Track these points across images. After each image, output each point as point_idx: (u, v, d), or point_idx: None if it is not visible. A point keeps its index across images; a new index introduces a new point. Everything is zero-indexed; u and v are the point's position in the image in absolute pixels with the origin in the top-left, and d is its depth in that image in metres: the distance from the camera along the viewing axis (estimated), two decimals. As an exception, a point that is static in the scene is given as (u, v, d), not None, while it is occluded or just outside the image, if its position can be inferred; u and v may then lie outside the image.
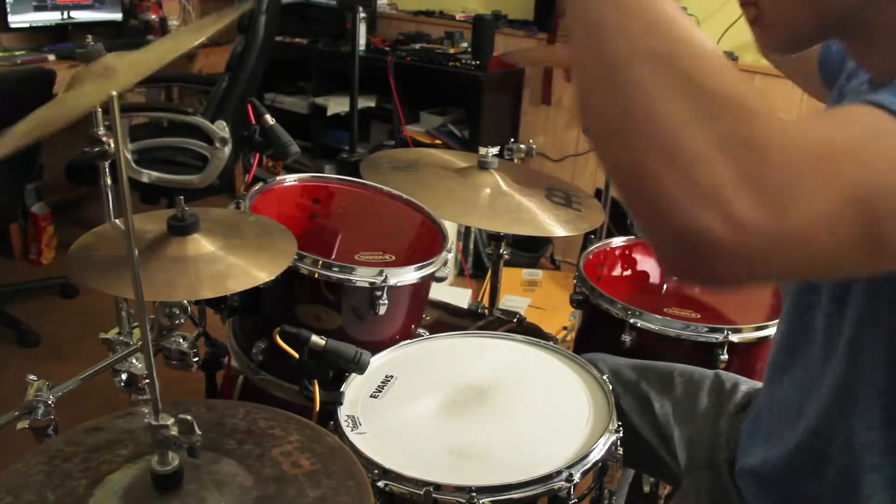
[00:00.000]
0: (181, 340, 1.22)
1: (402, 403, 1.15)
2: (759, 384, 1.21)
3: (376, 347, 1.26)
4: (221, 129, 1.35)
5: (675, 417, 1.19)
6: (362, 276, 1.29)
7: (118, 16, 3.54)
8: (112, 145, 1.19)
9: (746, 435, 1.03)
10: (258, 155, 1.41)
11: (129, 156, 1.37)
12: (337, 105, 3.66)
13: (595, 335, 1.56)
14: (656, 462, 1.21)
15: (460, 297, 2.58)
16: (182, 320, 1.19)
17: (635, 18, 0.50)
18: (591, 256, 1.67)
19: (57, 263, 3.13)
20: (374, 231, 1.63)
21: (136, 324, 1.35)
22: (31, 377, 1.05)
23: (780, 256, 0.48)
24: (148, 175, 1.36)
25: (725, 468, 1.04)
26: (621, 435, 1.08)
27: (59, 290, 2.88)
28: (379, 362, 1.24)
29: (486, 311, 1.82)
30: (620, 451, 1.07)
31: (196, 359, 1.23)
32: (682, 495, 1.12)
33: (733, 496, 1.00)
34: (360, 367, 1.16)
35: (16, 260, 3.15)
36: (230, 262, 1.10)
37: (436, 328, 1.45)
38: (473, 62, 3.24)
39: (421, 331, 1.45)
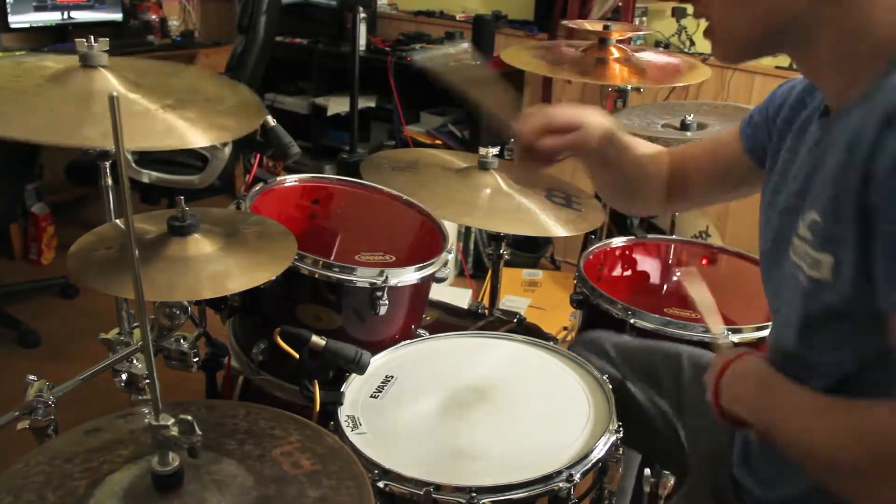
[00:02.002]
0: (181, 341, 1.22)
1: (403, 403, 1.15)
2: None
3: (376, 347, 1.26)
4: (221, 129, 1.35)
5: (681, 406, 1.19)
6: (362, 277, 1.29)
7: (118, 16, 3.54)
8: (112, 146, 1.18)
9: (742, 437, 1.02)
10: (258, 155, 1.41)
11: (129, 156, 1.37)
12: (337, 105, 3.66)
13: (595, 335, 1.56)
14: (661, 447, 1.21)
15: (460, 297, 2.58)
16: (182, 320, 1.19)
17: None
18: (591, 257, 1.67)
19: (57, 263, 3.13)
20: (374, 231, 1.63)
21: (136, 324, 1.35)
22: (31, 377, 1.05)
23: None
24: (148, 175, 1.36)
25: (726, 462, 1.03)
26: (621, 435, 1.08)
27: (59, 290, 2.87)
28: (379, 362, 1.24)
29: (486, 311, 1.82)
30: (620, 451, 1.07)
31: (196, 359, 1.23)
32: (686, 489, 1.12)
33: (730, 491, 1.00)
34: (360, 368, 1.16)
35: (16, 260, 3.14)
36: (230, 262, 1.10)
37: (436, 328, 1.45)
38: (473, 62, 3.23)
39: (421, 331, 1.45)
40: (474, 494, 0.94)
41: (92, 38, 1.05)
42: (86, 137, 0.90)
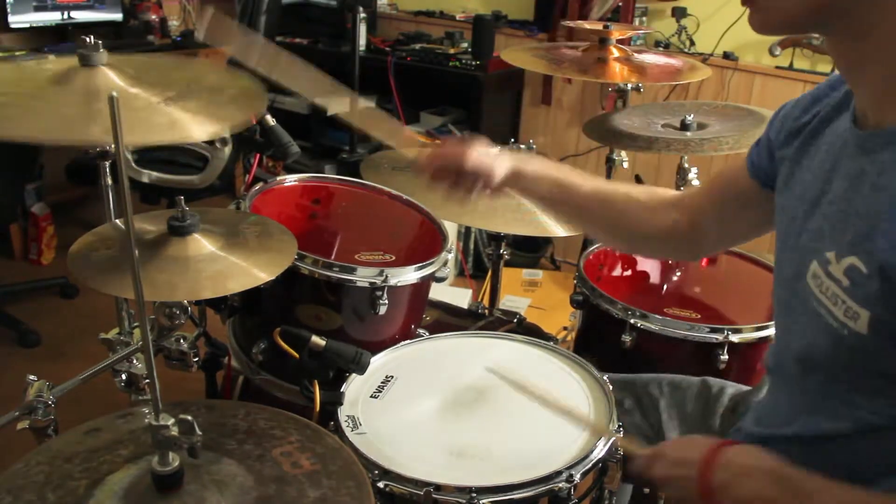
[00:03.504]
0: (181, 340, 1.22)
1: (402, 404, 1.15)
2: (746, 387, 1.21)
3: (376, 347, 1.26)
4: (221, 129, 1.34)
5: (666, 426, 1.19)
6: (362, 276, 1.29)
7: (118, 16, 3.53)
8: (112, 145, 1.18)
9: (742, 437, 1.02)
10: (258, 155, 1.41)
11: (129, 156, 1.37)
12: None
13: (595, 335, 1.56)
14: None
15: (460, 297, 2.58)
16: (182, 320, 1.19)
17: None
18: (591, 256, 1.67)
19: (57, 263, 3.13)
20: (374, 231, 1.63)
21: (136, 324, 1.35)
22: (32, 377, 1.05)
23: None
24: (148, 175, 1.36)
25: None
26: (621, 435, 1.08)
27: (59, 290, 2.87)
28: (379, 362, 1.24)
29: (486, 311, 1.82)
30: (620, 451, 1.07)
31: (196, 359, 1.23)
32: None
33: None
34: (360, 367, 1.16)
35: (16, 260, 3.14)
36: (230, 262, 1.10)
37: (436, 328, 1.44)
38: (473, 62, 3.24)
39: (421, 331, 1.45)
40: (474, 494, 0.94)
41: (92, 37, 1.05)
42: (91, 135, 0.91)
